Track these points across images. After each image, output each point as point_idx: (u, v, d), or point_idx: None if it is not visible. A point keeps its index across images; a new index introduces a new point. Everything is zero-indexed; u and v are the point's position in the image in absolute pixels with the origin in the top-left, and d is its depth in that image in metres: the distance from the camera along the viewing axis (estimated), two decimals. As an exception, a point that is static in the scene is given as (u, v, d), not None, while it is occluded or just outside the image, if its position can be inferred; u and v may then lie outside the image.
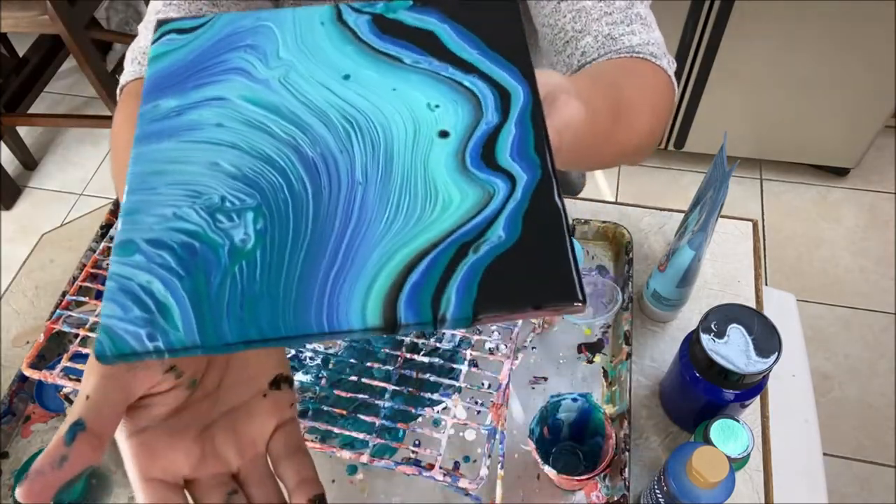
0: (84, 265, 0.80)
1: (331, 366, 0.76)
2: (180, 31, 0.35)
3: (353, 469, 0.73)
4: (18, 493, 0.27)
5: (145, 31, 0.62)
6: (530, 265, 0.27)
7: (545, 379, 0.78)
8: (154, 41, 0.35)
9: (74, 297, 0.64)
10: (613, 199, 1.95)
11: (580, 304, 0.27)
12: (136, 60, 0.62)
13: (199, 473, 0.32)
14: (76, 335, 0.62)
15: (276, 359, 0.35)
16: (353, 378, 0.58)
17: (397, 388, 0.56)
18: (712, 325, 0.64)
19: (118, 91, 0.63)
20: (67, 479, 0.28)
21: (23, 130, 2.21)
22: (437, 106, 0.32)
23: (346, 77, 0.33)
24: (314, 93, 0.33)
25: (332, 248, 0.28)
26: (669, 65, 0.58)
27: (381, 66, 0.34)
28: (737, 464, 0.65)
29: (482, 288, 0.27)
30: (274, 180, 0.30)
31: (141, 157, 0.31)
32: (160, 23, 0.36)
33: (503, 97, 0.32)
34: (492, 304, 0.27)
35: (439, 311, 0.26)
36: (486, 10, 0.36)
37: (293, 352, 0.75)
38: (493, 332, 0.80)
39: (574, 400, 0.67)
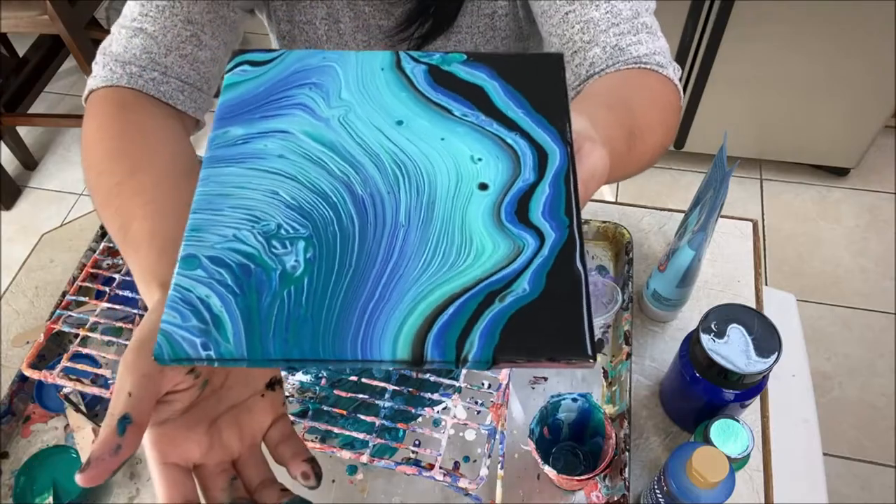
0: (84, 265, 0.80)
1: (331, 366, 0.76)
2: (253, 64, 0.39)
3: (353, 469, 0.73)
4: (80, 478, 0.32)
5: (118, 35, 0.60)
6: (549, 320, 0.30)
7: (545, 379, 0.78)
8: (228, 70, 0.38)
9: (74, 297, 0.64)
10: (613, 199, 1.95)
11: (591, 363, 0.29)
12: (108, 66, 0.59)
13: (206, 460, 0.37)
14: (76, 335, 0.62)
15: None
16: (353, 378, 0.58)
17: (397, 388, 0.56)
18: (712, 325, 0.64)
19: (85, 95, 0.60)
20: (119, 463, 0.32)
21: (23, 130, 2.21)
22: (479, 159, 0.34)
23: (400, 123, 0.36)
24: (370, 135, 0.35)
25: (372, 283, 0.31)
26: (675, 72, 0.59)
27: (432, 116, 0.36)
28: (737, 464, 0.65)
29: (504, 335, 0.29)
30: (326, 214, 0.33)
31: (209, 178, 0.34)
32: (235, 53, 0.39)
33: (541, 157, 0.34)
34: (510, 352, 0.29)
35: (462, 352, 0.29)
36: (533, 70, 0.38)
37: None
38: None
39: (574, 400, 0.67)
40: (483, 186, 0.33)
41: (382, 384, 0.57)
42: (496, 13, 0.71)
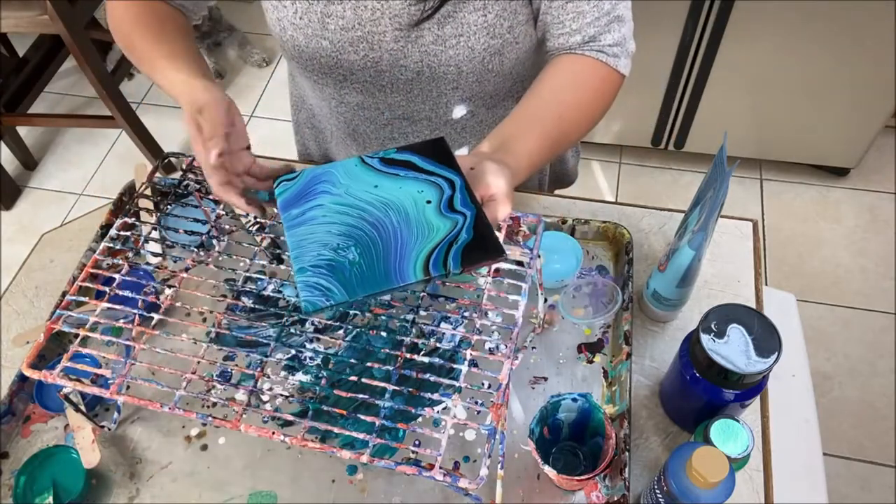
0: (84, 265, 0.80)
1: (331, 366, 0.76)
2: (287, 180, 0.65)
3: (353, 469, 0.73)
4: (211, 158, 0.63)
5: None
6: (480, 246, 0.58)
7: (545, 379, 0.78)
8: (276, 184, 0.65)
9: (74, 297, 0.64)
10: (613, 199, 1.95)
11: (505, 255, 0.58)
12: None
13: (230, 169, 0.65)
14: (76, 335, 0.62)
15: (244, 139, 0.68)
16: (353, 378, 0.58)
17: (397, 388, 0.57)
18: (712, 325, 0.64)
19: None
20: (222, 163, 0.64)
21: (23, 130, 2.21)
22: (421, 191, 0.62)
23: (376, 186, 0.63)
24: (363, 196, 0.63)
25: (393, 253, 0.58)
26: (626, 61, 0.77)
27: (389, 179, 0.64)
28: (737, 464, 0.65)
29: (463, 256, 0.57)
30: (360, 234, 0.60)
31: (293, 234, 0.60)
32: (278, 179, 0.66)
33: (450, 183, 0.62)
34: (468, 263, 0.57)
35: (447, 267, 0.57)
36: (433, 147, 0.65)
37: (293, 352, 0.75)
38: (493, 332, 0.80)
39: (574, 400, 0.67)
40: (428, 201, 0.61)
41: (382, 384, 0.57)
42: None
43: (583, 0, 0.73)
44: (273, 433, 0.55)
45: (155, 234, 0.86)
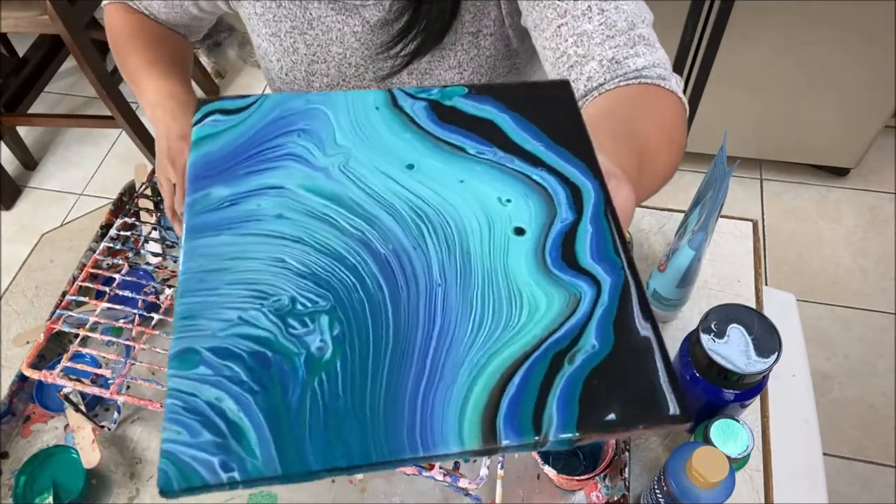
0: (84, 265, 0.80)
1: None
2: (225, 112, 0.33)
3: (353, 469, 0.73)
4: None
5: None
6: (628, 379, 0.26)
7: (545, 379, 0.78)
8: (196, 122, 0.33)
9: (74, 297, 0.64)
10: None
11: (684, 421, 0.26)
12: None
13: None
14: (76, 335, 0.62)
15: None
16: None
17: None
18: (712, 325, 0.64)
19: (104, 3, 0.81)
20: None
21: (23, 130, 2.21)
22: (508, 200, 0.30)
23: (410, 167, 0.31)
24: (378, 183, 0.31)
25: (418, 357, 0.26)
26: (677, 84, 0.57)
27: (444, 156, 0.32)
28: (737, 464, 0.65)
29: (583, 404, 0.25)
30: (346, 279, 0.28)
31: (195, 251, 0.28)
32: (200, 102, 0.34)
33: (574, 193, 0.31)
34: (596, 426, 0.25)
35: (541, 430, 0.24)
36: (543, 100, 0.34)
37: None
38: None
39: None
40: (519, 231, 0.29)
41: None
42: (481, 32, 0.71)
43: (582, 20, 0.57)
44: (273, 433, 0.55)
45: (155, 234, 0.86)
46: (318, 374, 0.25)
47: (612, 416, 0.25)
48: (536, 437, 0.24)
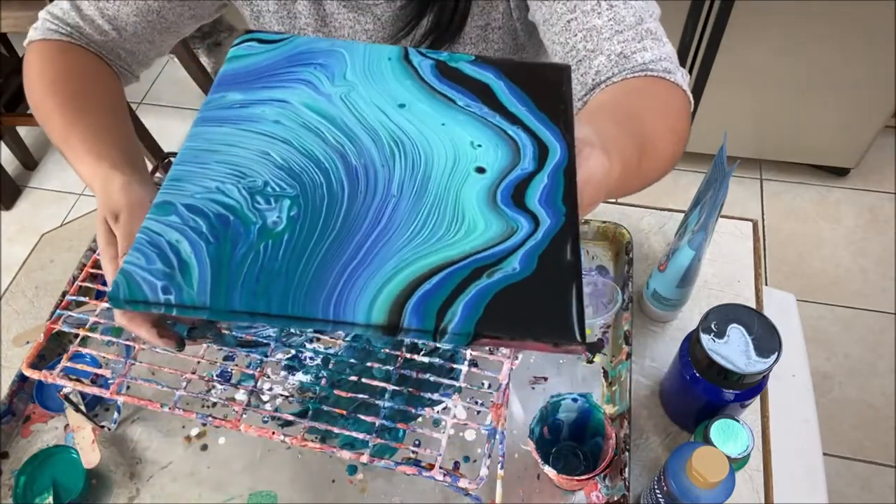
0: (84, 265, 0.80)
1: (331, 366, 0.76)
2: (261, 42, 0.39)
3: (353, 469, 0.73)
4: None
5: (63, 2, 0.68)
6: (538, 300, 0.29)
7: (545, 379, 0.78)
8: (236, 44, 0.38)
9: (74, 297, 0.64)
10: (613, 200, 1.95)
11: (579, 347, 0.28)
12: (48, 21, 0.68)
13: None
14: (76, 335, 0.62)
15: None
16: (353, 378, 0.58)
17: (397, 388, 0.56)
18: (712, 325, 0.64)
19: (26, 42, 0.70)
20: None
21: (23, 130, 2.21)
22: (479, 145, 0.34)
23: (402, 106, 0.36)
24: (370, 112, 0.35)
25: (354, 246, 0.30)
26: (683, 78, 0.58)
27: (434, 103, 0.36)
28: (737, 464, 0.65)
29: (488, 310, 0.28)
30: (316, 178, 0.32)
31: (197, 135, 0.34)
32: (245, 31, 0.39)
33: (542, 150, 0.35)
34: (494, 327, 0.28)
35: (443, 322, 0.28)
36: (540, 77, 0.38)
37: (293, 352, 0.75)
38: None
39: (574, 400, 0.67)
40: (480, 170, 0.33)
41: (382, 384, 0.57)
42: (489, 25, 0.71)
43: (591, 16, 0.58)
44: (273, 433, 0.55)
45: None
46: (265, 240, 0.30)
47: (509, 325, 0.28)
48: (435, 328, 0.28)
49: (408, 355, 0.59)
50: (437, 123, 0.35)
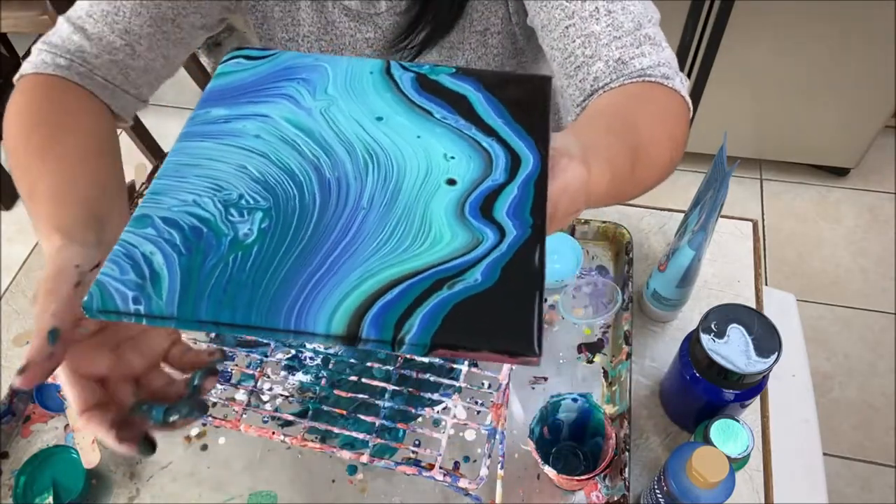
0: (84, 265, 0.80)
1: (331, 366, 0.76)
2: (248, 58, 0.40)
3: (353, 469, 0.73)
4: (17, 381, 0.36)
5: (62, 28, 0.63)
6: (497, 312, 0.29)
7: (545, 379, 0.78)
8: (224, 61, 0.40)
9: (74, 297, 0.64)
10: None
11: (535, 359, 0.28)
12: (42, 56, 0.62)
13: (112, 374, 0.42)
14: (76, 335, 0.62)
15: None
16: (353, 378, 0.58)
17: (397, 388, 0.56)
18: (712, 325, 0.64)
19: (16, 77, 0.63)
20: (51, 370, 0.37)
21: (23, 130, 2.21)
22: (452, 157, 0.35)
23: (379, 119, 0.37)
24: (348, 126, 0.36)
25: (321, 257, 0.31)
26: (682, 83, 0.58)
27: (412, 116, 0.37)
28: (737, 464, 0.65)
29: (446, 321, 0.29)
30: (290, 190, 0.33)
31: (180, 150, 0.35)
32: (234, 48, 0.41)
33: (514, 161, 0.35)
34: (450, 338, 0.28)
35: (400, 332, 0.28)
36: (519, 88, 0.39)
37: (293, 352, 0.75)
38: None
39: (574, 400, 0.67)
40: (451, 182, 0.34)
41: (382, 384, 0.57)
42: (489, 30, 0.71)
43: (589, 22, 0.58)
44: (273, 433, 0.55)
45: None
46: (235, 252, 0.31)
47: (466, 336, 0.28)
48: (393, 338, 0.28)
49: (408, 355, 0.59)
50: (412, 136, 0.36)
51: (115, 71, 0.63)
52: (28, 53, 0.64)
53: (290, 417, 0.57)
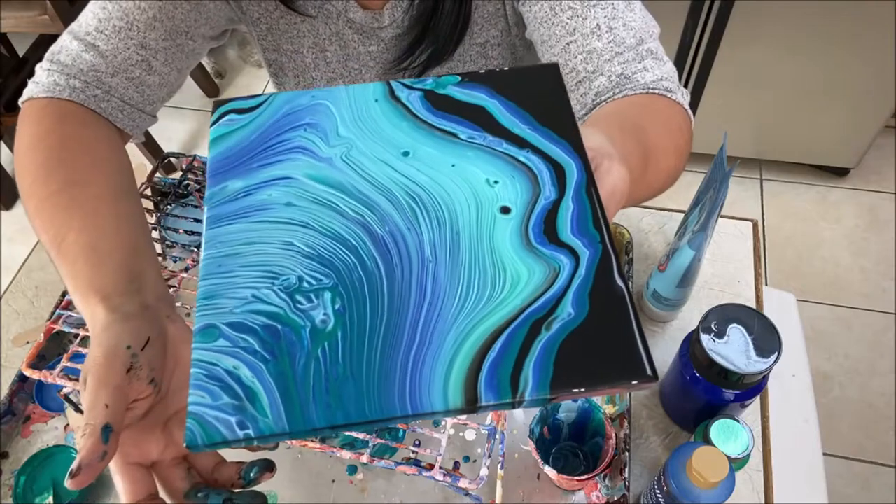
0: (84, 265, 0.80)
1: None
2: (239, 112, 0.36)
3: (353, 469, 0.73)
4: (70, 483, 0.34)
5: (70, 45, 0.60)
6: (602, 343, 0.28)
7: (545, 379, 0.78)
8: (214, 122, 0.36)
9: (74, 297, 0.64)
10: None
11: (653, 382, 0.28)
12: (53, 77, 0.59)
13: (163, 457, 0.41)
14: (76, 335, 0.62)
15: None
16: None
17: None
18: (712, 325, 0.64)
19: (23, 99, 0.60)
20: (103, 467, 0.36)
21: (23, 130, 2.21)
22: (496, 182, 0.33)
23: (406, 154, 0.34)
24: (376, 170, 0.34)
25: (409, 328, 0.29)
26: (684, 97, 0.58)
27: (437, 142, 0.34)
28: (737, 464, 0.65)
29: (557, 367, 0.28)
30: (347, 259, 0.31)
31: (214, 239, 0.32)
32: (217, 104, 0.37)
33: (558, 172, 0.33)
34: (568, 384, 0.27)
35: (517, 392, 0.27)
36: (531, 84, 0.37)
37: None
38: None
39: (574, 400, 0.67)
40: (505, 210, 0.32)
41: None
42: (489, 42, 0.71)
43: (591, 38, 0.57)
44: (273, 433, 0.55)
45: (155, 234, 0.86)
46: (321, 344, 0.29)
47: (582, 377, 0.27)
48: (513, 398, 0.27)
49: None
50: (447, 166, 0.33)
51: (131, 90, 0.61)
52: (25, 58, 0.63)
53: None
